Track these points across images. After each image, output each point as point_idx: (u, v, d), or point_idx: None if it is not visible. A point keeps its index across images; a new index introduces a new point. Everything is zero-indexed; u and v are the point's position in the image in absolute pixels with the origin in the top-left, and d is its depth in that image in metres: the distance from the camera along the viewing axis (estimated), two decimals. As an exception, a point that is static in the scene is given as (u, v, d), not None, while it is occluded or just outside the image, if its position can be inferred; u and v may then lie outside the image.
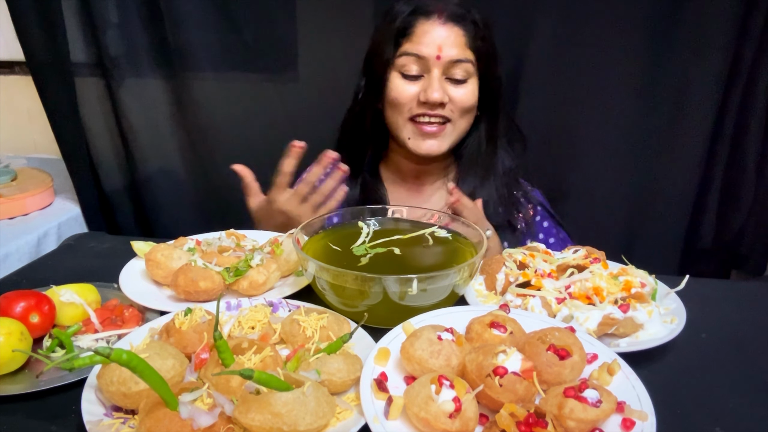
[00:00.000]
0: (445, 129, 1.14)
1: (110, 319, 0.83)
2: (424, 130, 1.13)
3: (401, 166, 1.28)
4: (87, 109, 1.60)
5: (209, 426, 0.57)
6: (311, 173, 1.10)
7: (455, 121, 1.14)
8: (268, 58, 1.54)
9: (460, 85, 1.12)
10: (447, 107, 1.11)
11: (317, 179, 1.10)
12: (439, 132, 1.13)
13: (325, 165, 1.09)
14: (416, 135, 1.14)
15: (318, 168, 1.09)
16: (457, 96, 1.11)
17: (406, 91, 1.12)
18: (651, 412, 0.59)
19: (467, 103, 1.13)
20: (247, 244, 1.03)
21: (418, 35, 1.10)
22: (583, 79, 1.39)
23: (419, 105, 1.12)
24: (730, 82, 1.32)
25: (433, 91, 1.09)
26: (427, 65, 1.10)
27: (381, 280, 0.75)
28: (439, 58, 1.09)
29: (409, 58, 1.11)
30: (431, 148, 1.15)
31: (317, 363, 0.66)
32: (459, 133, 1.17)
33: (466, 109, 1.14)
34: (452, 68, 1.10)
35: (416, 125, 1.13)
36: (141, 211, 1.76)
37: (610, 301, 0.78)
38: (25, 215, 1.56)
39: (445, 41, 1.09)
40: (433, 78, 1.10)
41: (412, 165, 1.25)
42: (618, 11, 1.31)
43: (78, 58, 1.53)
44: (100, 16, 1.50)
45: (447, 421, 0.55)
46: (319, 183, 1.12)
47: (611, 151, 1.44)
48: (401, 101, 1.13)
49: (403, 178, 1.29)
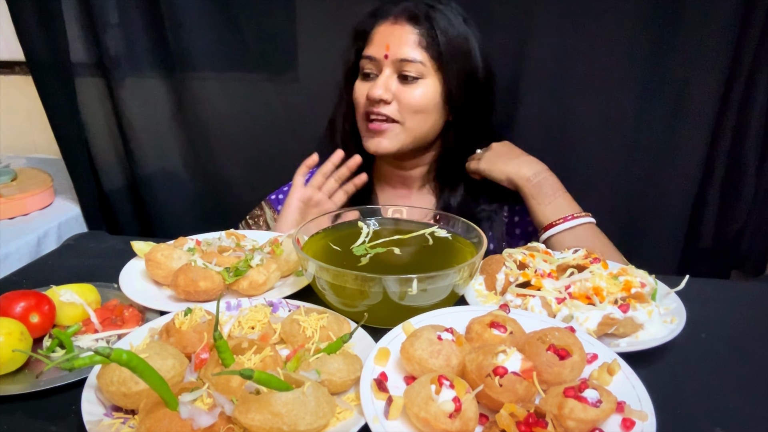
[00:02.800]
0: (393, 128, 1.13)
1: (110, 319, 0.83)
2: (370, 127, 1.14)
3: (386, 172, 1.29)
4: (87, 109, 1.60)
5: (209, 426, 0.57)
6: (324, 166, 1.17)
7: (405, 121, 1.12)
8: (268, 58, 1.53)
9: (411, 84, 1.11)
10: (393, 106, 1.11)
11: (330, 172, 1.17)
12: (387, 130, 1.13)
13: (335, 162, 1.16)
14: (367, 133, 1.16)
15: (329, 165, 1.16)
16: (404, 95, 1.10)
17: (361, 90, 1.15)
18: (651, 412, 0.59)
19: (415, 102, 1.11)
20: (247, 244, 1.03)
21: (373, 38, 1.13)
22: (582, 79, 1.38)
23: (367, 103, 1.13)
24: (731, 81, 1.32)
25: (374, 88, 1.10)
26: (379, 65, 1.11)
27: (381, 280, 0.75)
28: (387, 57, 1.09)
29: (364, 60, 1.14)
30: (379, 146, 1.15)
31: (317, 363, 0.66)
32: (413, 135, 1.15)
33: (416, 109, 1.12)
34: (402, 67, 1.10)
35: (367, 123, 1.15)
36: (141, 211, 1.76)
37: (610, 301, 0.78)
38: (25, 215, 1.56)
39: (395, 40, 1.09)
40: (383, 77, 1.11)
41: (395, 170, 1.26)
42: (618, 11, 1.31)
43: (78, 58, 1.53)
44: (100, 16, 1.50)
45: (447, 421, 0.56)
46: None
47: (611, 150, 1.44)
48: (358, 100, 1.16)
49: (391, 183, 1.30)
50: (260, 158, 1.65)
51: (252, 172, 1.66)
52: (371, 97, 1.10)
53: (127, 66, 1.57)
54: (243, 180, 1.67)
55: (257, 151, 1.65)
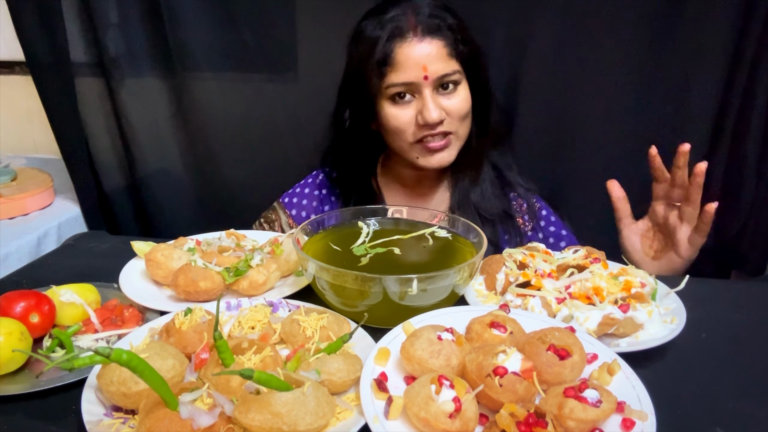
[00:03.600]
0: (450, 140, 1.13)
1: (110, 319, 0.83)
2: (431, 147, 1.12)
3: (402, 174, 1.28)
4: (87, 109, 1.60)
5: (209, 426, 0.57)
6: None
7: (456, 130, 1.13)
8: (268, 58, 1.54)
9: (453, 95, 1.10)
10: (446, 121, 1.10)
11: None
12: (446, 145, 1.12)
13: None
14: (424, 153, 1.14)
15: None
16: (452, 107, 1.10)
17: (403, 117, 1.10)
18: (651, 412, 0.59)
19: (463, 110, 1.12)
20: (247, 244, 1.03)
21: (401, 62, 1.07)
22: (582, 79, 1.39)
23: (419, 128, 1.10)
24: (731, 82, 1.32)
25: (429, 112, 1.07)
26: (417, 88, 1.08)
27: (381, 280, 0.75)
28: (427, 78, 1.06)
29: (397, 87, 1.09)
30: (441, 161, 1.14)
31: (317, 363, 0.66)
32: (464, 139, 1.17)
33: (463, 116, 1.13)
34: (441, 82, 1.08)
35: (423, 145, 1.12)
36: (141, 211, 1.76)
37: (610, 301, 0.78)
38: (25, 215, 1.56)
39: (428, 59, 1.06)
40: (425, 98, 1.07)
41: (413, 172, 1.25)
42: (618, 11, 1.31)
43: (78, 58, 1.53)
44: (100, 16, 1.50)
45: (447, 421, 0.55)
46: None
47: (611, 150, 1.44)
48: (401, 128, 1.11)
49: (404, 183, 1.29)
50: (260, 158, 1.65)
51: (252, 171, 1.66)
52: (430, 121, 1.07)
53: (127, 66, 1.57)
54: (243, 180, 1.68)
55: (257, 151, 1.65)
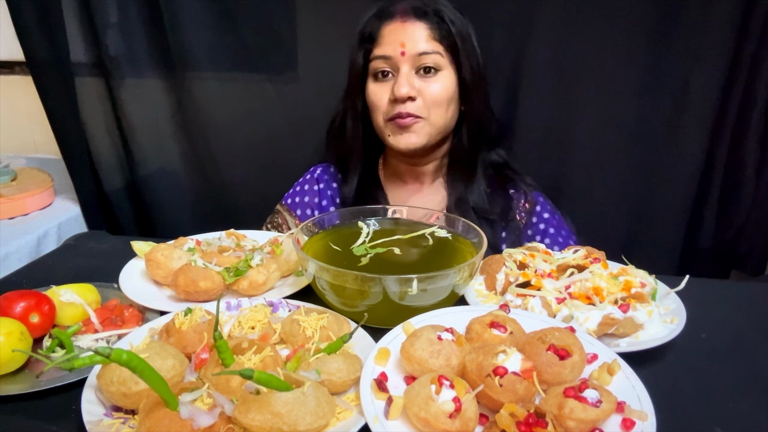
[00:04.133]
0: (419, 122, 1.13)
1: (110, 319, 0.83)
2: (399, 123, 1.13)
3: (398, 168, 1.28)
4: (87, 109, 1.60)
5: (209, 426, 0.57)
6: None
7: (429, 116, 1.13)
8: (268, 58, 1.54)
9: (431, 77, 1.12)
10: (418, 102, 1.11)
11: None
12: (413, 125, 1.13)
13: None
14: (394, 131, 1.15)
15: None
16: (427, 90, 1.11)
17: (380, 93, 1.14)
18: (651, 412, 0.59)
19: (438, 95, 1.12)
20: (247, 244, 1.03)
21: (383, 37, 1.12)
22: (582, 79, 1.39)
23: (391, 104, 1.13)
24: (730, 82, 1.32)
25: (399, 86, 1.09)
26: (395, 63, 1.11)
27: (381, 280, 0.75)
28: (404, 54, 1.10)
29: (378, 61, 1.13)
30: (409, 142, 1.15)
31: (317, 363, 0.66)
32: (436, 128, 1.16)
33: (439, 102, 1.13)
34: (420, 61, 1.10)
35: (393, 122, 1.14)
36: (141, 211, 1.76)
37: (610, 301, 0.78)
38: (25, 215, 1.56)
39: (408, 37, 1.10)
40: (402, 74, 1.10)
41: (408, 166, 1.26)
42: (618, 11, 1.31)
43: (78, 58, 1.53)
44: (100, 16, 1.50)
45: (447, 421, 0.56)
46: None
47: (611, 151, 1.44)
48: (376, 103, 1.15)
49: (402, 179, 1.29)
50: (260, 158, 1.65)
51: (252, 171, 1.66)
52: (398, 95, 1.09)
53: (127, 66, 1.57)
54: (243, 180, 1.68)
55: (257, 151, 1.65)
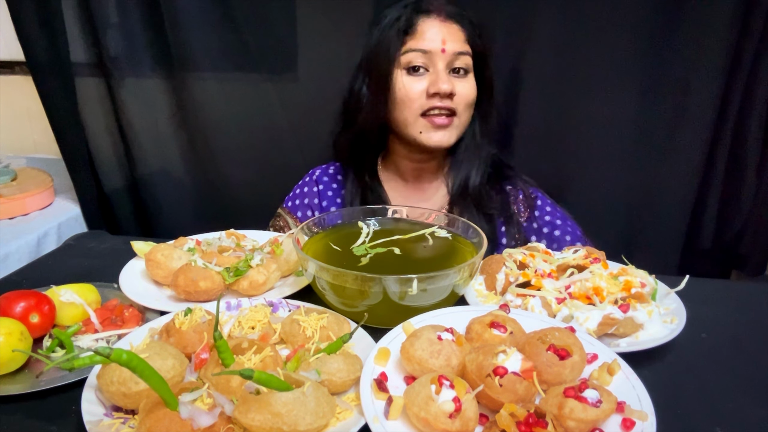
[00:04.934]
0: (453, 121, 1.15)
1: (110, 319, 0.83)
2: (436, 122, 1.14)
3: (401, 166, 1.28)
4: (87, 109, 1.60)
5: (209, 426, 0.57)
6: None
7: (460, 114, 1.16)
8: (268, 58, 1.54)
9: (463, 78, 1.15)
10: (455, 100, 1.13)
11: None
12: (449, 124, 1.15)
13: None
14: (428, 128, 1.15)
15: None
16: (461, 89, 1.14)
17: (416, 87, 1.13)
18: (651, 412, 0.59)
19: (470, 96, 1.16)
20: (247, 244, 1.03)
21: (421, 32, 1.13)
22: (583, 79, 1.39)
23: (428, 99, 1.13)
24: (731, 82, 1.32)
25: (442, 82, 1.10)
26: (433, 59, 1.12)
27: (381, 280, 0.75)
28: (444, 51, 1.11)
29: (415, 54, 1.12)
30: (441, 140, 1.16)
31: (317, 363, 0.66)
32: (463, 127, 1.19)
33: (469, 103, 1.16)
34: (455, 61, 1.13)
35: (428, 119, 1.15)
36: (141, 211, 1.76)
37: (610, 301, 0.78)
38: (25, 215, 1.56)
39: (448, 36, 1.12)
40: (439, 70, 1.12)
41: (412, 164, 1.26)
42: (618, 11, 1.31)
43: (78, 58, 1.53)
44: (100, 16, 1.50)
45: (447, 421, 0.55)
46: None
47: (611, 151, 1.44)
48: (411, 97, 1.14)
49: (404, 177, 1.29)
50: (260, 158, 1.65)
51: (252, 171, 1.66)
52: (442, 91, 1.10)
53: (127, 66, 1.57)
54: (243, 180, 1.68)
55: (257, 151, 1.65)
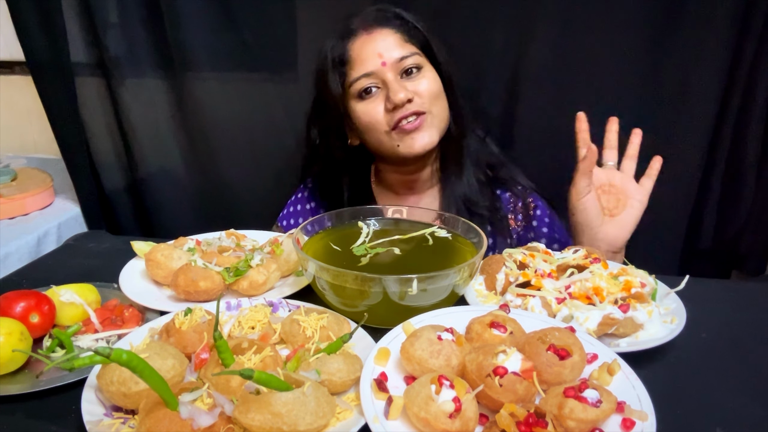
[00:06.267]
0: (425, 119, 1.11)
1: (110, 319, 0.83)
2: (407, 129, 1.10)
3: (391, 180, 1.27)
4: (87, 109, 1.60)
5: (209, 426, 0.57)
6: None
7: (429, 109, 1.12)
8: (268, 58, 1.53)
9: (417, 76, 1.11)
10: (416, 101, 1.10)
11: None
12: (421, 123, 1.11)
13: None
14: (403, 138, 1.12)
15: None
16: (419, 88, 1.10)
17: (373, 110, 1.11)
18: (651, 412, 0.59)
19: (431, 89, 1.11)
20: (247, 244, 1.03)
21: (356, 56, 1.10)
22: (582, 80, 1.39)
23: (390, 113, 1.10)
24: (731, 82, 1.32)
25: (395, 93, 1.07)
26: (379, 76, 1.09)
27: (381, 280, 0.75)
28: (385, 64, 1.08)
29: (360, 80, 1.10)
30: (423, 143, 1.12)
31: (317, 363, 0.66)
32: (442, 120, 1.15)
33: (434, 95, 1.12)
34: (402, 65, 1.09)
35: (398, 130, 1.11)
36: (141, 211, 1.76)
37: (610, 301, 0.78)
38: (25, 215, 1.56)
39: (382, 46, 1.09)
40: (390, 82, 1.08)
41: (402, 177, 1.25)
42: (618, 11, 1.31)
43: (78, 58, 1.53)
44: (100, 16, 1.50)
45: (447, 421, 0.55)
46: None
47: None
48: (373, 120, 1.12)
49: (395, 190, 1.28)
50: (260, 158, 1.65)
51: (252, 172, 1.66)
52: (397, 101, 1.07)
53: (127, 66, 1.57)
54: (243, 180, 1.67)
55: (257, 151, 1.65)
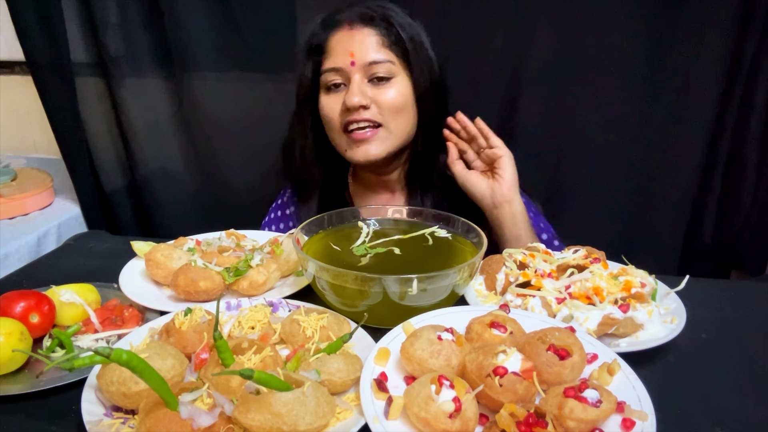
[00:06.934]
0: (378, 133, 1.09)
1: (110, 319, 0.83)
2: (355, 137, 1.09)
3: (367, 179, 1.26)
4: (87, 109, 1.60)
5: (209, 426, 0.57)
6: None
7: (387, 124, 1.09)
8: (268, 58, 1.54)
9: (384, 85, 1.08)
10: (373, 110, 1.07)
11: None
12: (372, 136, 1.09)
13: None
14: (350, 144, 1.11)
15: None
16: (381, 97, 1.07)
17: (332, 105, 1.10)
18: (651, 412, 0.59)
19: (394, 103, 1.08)
20: (247, 244, 1.03)
21: (332, 48, 1.08)
22: (582, 80, 1.39)
23: (343, 115, 1.09)
24: (730, 82, 1.32)
25: (351, 95, 1.05)
26: (346, 74, 1.07)
27: (381, 280, 0.75)
28: (354, 63, 1.06)
29: (329, 73, 1.09)
30: (367, 154, 1.10)
31: (317, 363, 0.66)
32: (398, 136, 1.12)
33: (396, 109, 1.09)
34: (372, 70, 1.07)
35: (348, 135, 1.10)
36: (141, 211, 1.76)
37: (610, 301, 0.78)
38: (25, 215, 1.56)
39: (357, 45, 1.06)
40: (352, 84, 1.06)
41: (375, 176, 1.23)
42: (618, 11, 1.31)
43: (78, 58, 1.53)
44: (100, 16, 1.50)
45: (447, 421, 0.55)
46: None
47: (611, 150, 1.44)
48: (329, 116, 1.11)
49: (373, 189, 1.26)
50: (260, 158, 1.65)
51: (252, 172, 1.66)
52: (350, 105, 1.05)
53: (127, 66, 1.57)
54: (243, 180, 1.68)
55: (257, 151, 1.65)
